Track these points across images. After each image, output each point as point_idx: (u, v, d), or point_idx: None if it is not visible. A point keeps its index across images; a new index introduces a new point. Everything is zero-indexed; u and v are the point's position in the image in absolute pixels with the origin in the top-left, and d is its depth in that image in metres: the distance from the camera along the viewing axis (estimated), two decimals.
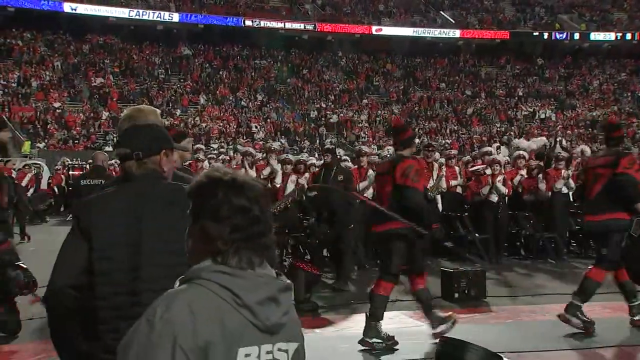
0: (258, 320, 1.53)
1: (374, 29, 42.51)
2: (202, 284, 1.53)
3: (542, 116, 39.77)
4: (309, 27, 41.62)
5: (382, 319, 5.57)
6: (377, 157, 11.14)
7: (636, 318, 6.00)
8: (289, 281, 1.64)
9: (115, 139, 29.75)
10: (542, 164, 11.10)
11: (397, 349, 5.47)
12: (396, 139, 5.88)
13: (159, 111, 3.02)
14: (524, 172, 10.82)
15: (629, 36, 44.24)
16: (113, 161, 18.15)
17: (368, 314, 5.58)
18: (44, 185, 18.80)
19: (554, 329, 5.92)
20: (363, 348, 5.50)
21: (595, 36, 44.67)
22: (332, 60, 42.72)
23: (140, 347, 1.46)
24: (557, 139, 14.70)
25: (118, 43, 38.54)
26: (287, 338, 1.60)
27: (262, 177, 10.13)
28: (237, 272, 1.54)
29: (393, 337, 5.58)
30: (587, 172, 6.35)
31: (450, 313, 5.76)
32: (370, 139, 33.40)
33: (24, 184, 16.04)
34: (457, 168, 11.11)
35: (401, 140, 5.79)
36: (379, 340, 5.52)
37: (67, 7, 36.49)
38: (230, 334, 1.49)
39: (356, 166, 10.23)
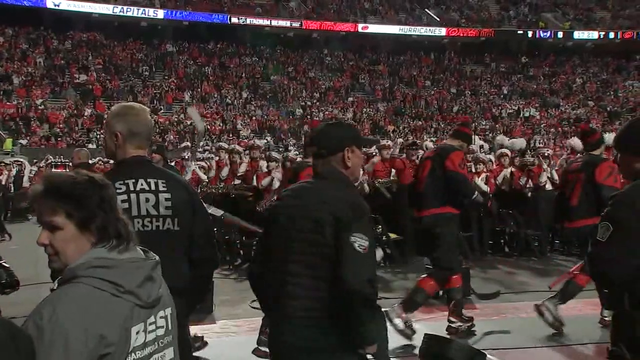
0: (141, 301, 1.68)
1: (359, 26, 42.52)
2: (82, 282, 1.61)
3: (526, 114, 40.03)
4: (295, 24, 41.56)
5: None
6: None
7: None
8: (156, 257, 1.81)
9: (98, 136, 29.57)
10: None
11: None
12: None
13: (148, 109, 2.99)
14: (508, 170, 10.84)
15: (612, 35, 44.63)
16: (97, 159, 18.04)
17: None
18: (26, 182, 18.58)
19: (537, 326, 5.95)
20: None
21: (579, 35, 45.02)
22: (318, 58, 42.68)
23: None
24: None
25: (102, 39, 38.23)
26: (165, 305, 1.80)
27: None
28: (111, 262, 1.65)
29: None
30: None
31: None
32: None
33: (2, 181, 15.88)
34: None
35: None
36: None
37: (49, 3, 36.15)
38: (123, 320, 1.62)
39: None
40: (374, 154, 10.97)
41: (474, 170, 10.39)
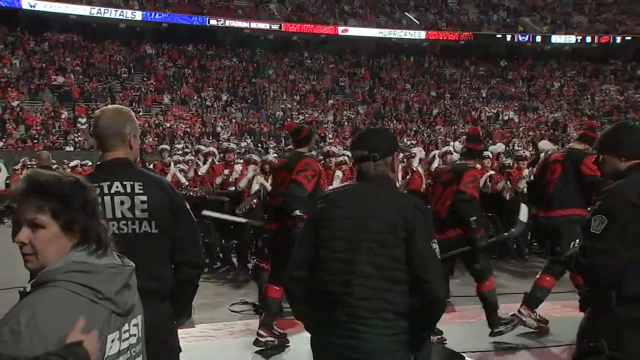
0: (118, 308, 1.65)
1: (339, 29, 42.58)
2: (59, 286, 1.57)
3: (505, 118, 40.36)
4: (275, 27, 41.49)
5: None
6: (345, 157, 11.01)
7: None
8: (132, 264, 1.78)
9: (76, 138, 29.28)
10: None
11: None
12: None
13: (115, 108, 2.93)
14: (488, 174, 10.90)
15: (589, 39, 45.18)
16: (76, 162, 17.80)
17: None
18: (1, 185, 18.31)
19: (516, 328, 5.99)
20: None
21: (557, 39, 45.50)
22: (298, 60, 42.67)
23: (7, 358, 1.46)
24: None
25: (79, 41, 37.82)
26: (137, 312, 1.79)
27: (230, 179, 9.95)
28: (91, 267, 1.61)
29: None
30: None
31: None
32: (336, 139, 33.47)
33: None
34: (420, 169, 11.14)
35: None
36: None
37: (25, 4, 35.60)
38: (99, 327, 1.58)
39: (324, 167, 10.11)
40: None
41: None
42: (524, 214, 6.46)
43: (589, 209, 2.78)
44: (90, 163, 15.81)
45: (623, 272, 2.60)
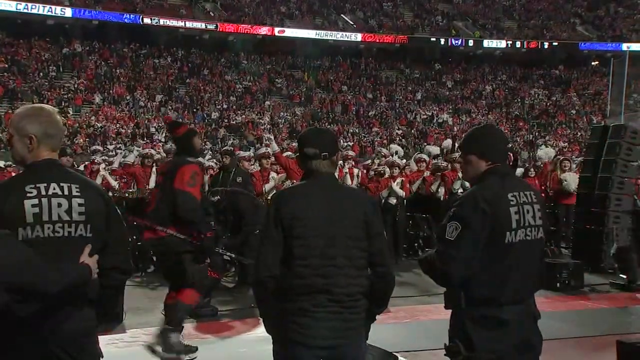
0: None
1: (276, 30, 42.44)
2: None
3: (440, 120, 41.13)
4: (211, 26, 40.96)
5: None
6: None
7: None
8: None
9: (2, 138, 28.09)
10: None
11: None
12: None
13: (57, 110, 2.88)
14: (425, 175, 11.06)
15: (518, 44, 46.61)
16: (7, 162, 16.92)
17: None
18: None
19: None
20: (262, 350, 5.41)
21: (488, 43, 46.72)
22: (234, 61, 42.29)
23: None
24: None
25: (3, 37, 36.30)
26: None
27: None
28: None
29: None
30: None
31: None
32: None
33: None
34: (355, 170, 11.18)
35: None
36: None
37: None
38: None
39: (259, 168, 10.01)
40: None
41: (387, 174, 10.52)
42: None
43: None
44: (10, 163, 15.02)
45: (473, 275, 2.79)
